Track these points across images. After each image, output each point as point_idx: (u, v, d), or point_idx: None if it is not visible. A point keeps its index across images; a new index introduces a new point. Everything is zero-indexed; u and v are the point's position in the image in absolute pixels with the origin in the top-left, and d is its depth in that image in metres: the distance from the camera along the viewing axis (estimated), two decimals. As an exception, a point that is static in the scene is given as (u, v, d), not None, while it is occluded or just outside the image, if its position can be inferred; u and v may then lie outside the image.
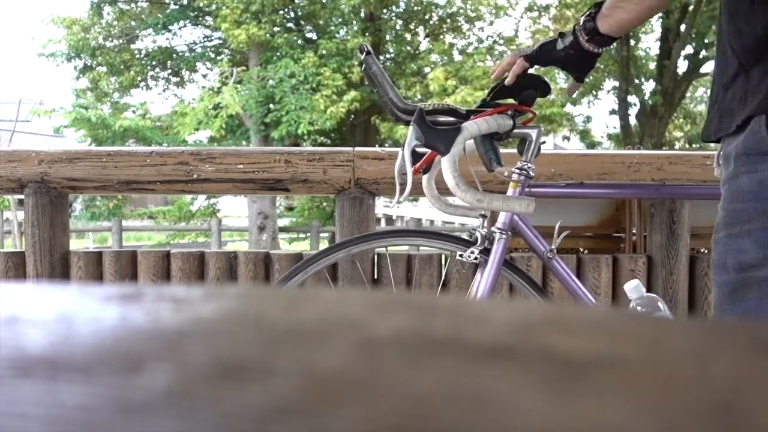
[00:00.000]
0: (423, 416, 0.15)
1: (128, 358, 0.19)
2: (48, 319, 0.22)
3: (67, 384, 0.17)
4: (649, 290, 1.63)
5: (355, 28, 12.15)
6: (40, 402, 0.16)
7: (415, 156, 1.21)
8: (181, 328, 0.21)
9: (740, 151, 0.90)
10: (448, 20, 13.68)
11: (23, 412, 0.15)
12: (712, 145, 1.10)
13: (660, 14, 12.44)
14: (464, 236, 1.37)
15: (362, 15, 12.59)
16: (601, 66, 13.28)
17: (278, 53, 11.47)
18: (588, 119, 15.13)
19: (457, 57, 13.02)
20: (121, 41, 12.65)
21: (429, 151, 1.26)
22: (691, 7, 11.43)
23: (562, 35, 1.21)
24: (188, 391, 0.16)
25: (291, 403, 0.15)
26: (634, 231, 1.97)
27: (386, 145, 11.61)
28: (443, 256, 1.81)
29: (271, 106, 10.97)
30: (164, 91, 13.70)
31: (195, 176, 1.74)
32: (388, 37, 12.98)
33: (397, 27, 13.38)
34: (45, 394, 0.16)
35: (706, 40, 11.91)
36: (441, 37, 13.59)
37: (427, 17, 13.55)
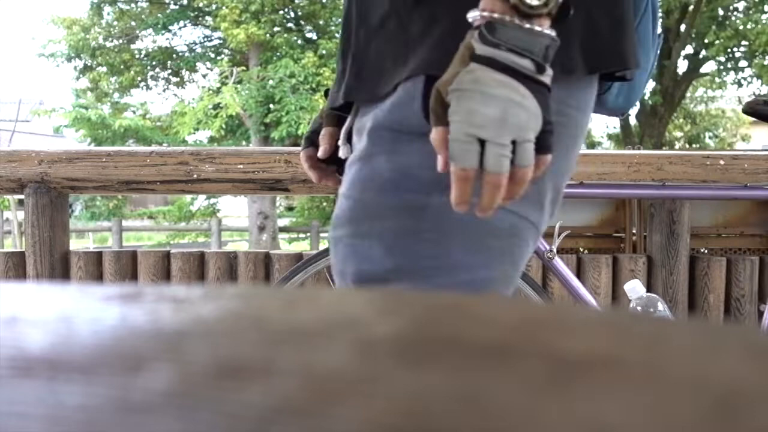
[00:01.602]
0: (423, 416, 0.15)
1: (128, 358, 0.19)
2: (48, 319, 0.22)
3: (67, 384, 0.17)
4: (649, 290, 1.63)
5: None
6: (41, 402, 0.16)
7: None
8: (181, 328, 0.21)
9: (380, 124, 0.67)
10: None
11: (23, 412, 0.15)
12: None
13: (660, 14, 12.43)
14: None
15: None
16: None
17: (278, 53, 11.47)
18: (588, 119, 15.12)
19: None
20: (121, 41, 12.65)
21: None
22: (691, 7, 11.42)
23: None
24: (188, 391, 0.16)
25: (291, 403, 0.15)
26: (634, 231, 1.97)
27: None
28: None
29: (271, 106, 10.96)
30: (164, 91, 13.70)
31: (195, 176, 1.74)
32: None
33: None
34: (45, 394, 0.16)
35: (706, 40, 11.90)
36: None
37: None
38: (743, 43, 11.81)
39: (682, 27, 11.74)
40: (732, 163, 1.82)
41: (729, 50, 12.03)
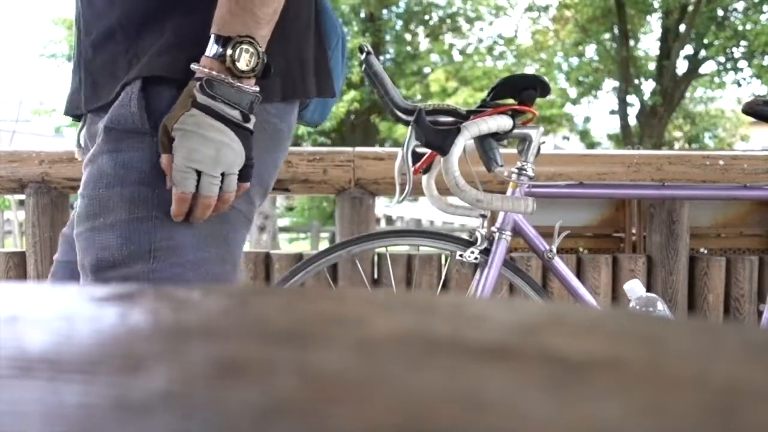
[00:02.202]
0: (423, 416, 0.15)
1: (128, 358, 0.19)
2: (48, 319, 0.22)
3: (67, 384, 0.17)
4: (648, 290, 1.63)
5: (355, 28, 12.15)
6: (41, 402, 0.16)
7: (416, 156, 1.21)
8: (181, 328, 0.21)
9: (106, 126, 0.76)
10: (448, 20, 13.68)
11: (23, 411, 0.15)
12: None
13: (660, 14, 12.45)
14: (464, 236, 1.37)
15: (362, 15, 12.59)
16: (601, 66, 13.28)
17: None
18: (588, 119, 15.13)
19: (457, 57, 13.02)
20: (120, 41, 12.63)
21: (429, 151, 1.26)
22: (690, 8, 11.43)
23: None
24: (188, 391, 0.16)
25: (291, 403, 0.15)
26: (633, 231, 1.97)
27: (386, 145, 11.62)
28: (443, 256, 1.81)
29: (271, 106, 10.96)
30: (164, 91, 13.68)
31: (195, 176, 1.74)
32: (388, 38, 12.98)
33: (397, 27, 13.38)
34: (45, 394, 0.16)
35: (705, 41, 11.90)
36: (441, 37, 13.60)
37: (427, 17, 13.55)
38: (742, 43, 11.82)
39: (682, 27, 11.74)
40: (731, 163, 1.82)
41: (728, 50, 12.04)
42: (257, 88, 0.75)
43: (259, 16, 0.74)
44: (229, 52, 0.72)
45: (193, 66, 0.74)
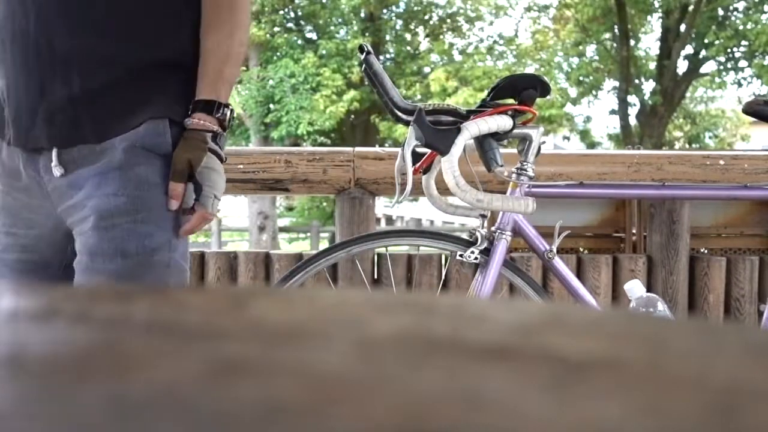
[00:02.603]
0: (423, 416, 0.15)
1: (127, 358, 0.19)
2: (48, 318, 0.22)
3: (66, 384, 0.17)
4: (648, 290, 1.63)
5: (355, 28, 12.15)
6: (40, 402, 0.16)
7: (416, 156, 1.21)
8: (181, 328, 0.21)
9: (136, 145, 0.98)
10: (448, 20, 13.68)
11: (23, 412, 0.15)
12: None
13: (660, 14, 12.45)
14: (464, 236, 1.37)
15: (362, 15, 12.59)
16: (601, 66, 13.28)
17: (278, 53, 11.48)
18: (588, 119, 15.13)
19: (457, 57, 13.02)
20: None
21: (429, 151, 1.26)
22: (691, 7, 11.42)
23: None
24: (188, 391, 0.16)
25: (291, 403, 0.15)
26: (634, 231, 1.97)
27: (386, 145, 11.61)
28: (443, 256, 1.81)
29: (271, 106, 10.97)
30: (164, 91, 13.68)
31: (195, 176, 1.74)
32: (388, 37, 12.98)
33: (397, 27, 13.38)
34: (44, 393, 0.16)
35: (706, 40, 11.90)
36: (441, 37, 13.59)
37: (427, 17, 13.55)
38: (743, 43, 11.82)
39: (682, 27, 11.74)
40: (732, 163, 1.82)
41: (729, 50, 12.04)
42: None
43: (233, 85, 1.06)
44: (226, 114, 1.02)
45: (205, 123, 1.01)
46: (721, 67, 12.68)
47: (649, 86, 12.76)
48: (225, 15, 1.03)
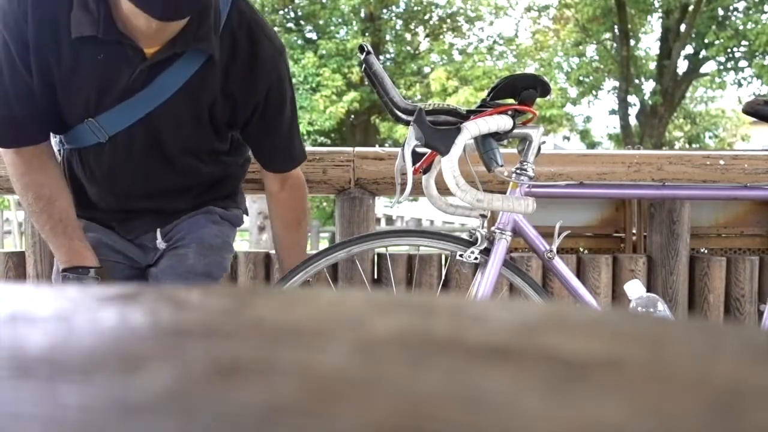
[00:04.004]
0: (423, 416, 0.15)
1: (128, 358, 0.19)
2: (48, 319, 0.22)
3: (66, 384, 0.17)
4: (648, 290, 1.63)
5: (355, 28, 12.14)
6: (40, 402, 0.16)
7: (416, 156, 1.21)
8: (181, 328, 0.21)
9: (224, 218, 1.43)
10: (448, 20, 13.68)
11: (23, 412, 0.15)
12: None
13: (660, 14, 12.45)
14: (464, 236, 1.37)
15: (362, 15, 12.59)
16: (601, 66, 13.28)
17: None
18: (588, 119, 15.13)
19: (457, 57, 13.02)
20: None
21: (429, 151, 1.26)
22: (691, 7, 11.43)
23: None
24: (188, 391, 0.16)
25: (291, 403, 0.15)
26: (634, 231, 1.97)
27: (386, 145, 11.61)
28: (443, 256, 1.81)
29: (271, 106, 10.95)
30: (164, 91, 13.67)
31: (195, 176, 1.74)
32: (388, 37, 12.98)
33: (397, 27, 13.38)
34: (45, 394, 0.16)
35: (706, 40, 11.90)
36: (441, 37, 13.59)
37: (427, 17, 13.55)
38: (743, 43, 11.82)
39: (682, 27, 11.74)
40: (732, 163, 1.82)
41: (729, 50, 12.04)
42: None
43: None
44: None
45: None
46: (721, 67, 12.68)
47: (649, 86, 12.76)
48: (300, 215, 1.45)
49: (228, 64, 1.19)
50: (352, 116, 12.41)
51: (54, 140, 1.29)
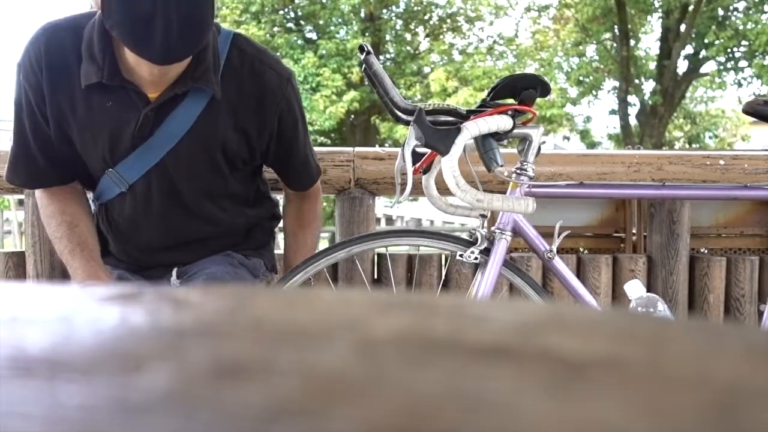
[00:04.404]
0: (423, 416, 0.15)
1: (128, 358, 0.19)
2: (48, 319, 0.22)
3: (67, 384, 0.17)
4: (648, 290, 1.63)
5: (355, 28, 12.14)
6: (40, 402, 0.16)
7: (416, 156, 1.21)
8: (181, 328, 0.21)
9: (242, 264, 1.40)
10: (448, 20, 13.68)
11: (23, 412, 0.15)
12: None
13: (660, 14, 12.44)
14: (464, 236, 1.37)
15: (362, 15, 12.59)
16: (601, 66, 13.28)
17: (278, 53, 11.48)
18: (588, 119, 15.13)
19: (457, 57, 13.02)
20: (121, 41, 12.60)
21: (429, 151, 1.26)
22: (691, 7, 11.42)
23: None
24: (188, 391, 0.16)
25: (291, 403, 0.15)
26: (634, 231, 1.97)
27: (386, 145, 11.61)
28: (443, 256, 1.81)
29: (271, 106, 10.95)
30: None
31: (195, 176, 1.74)
32: (388, 37, 12.98)
33: (397, 27, 13.37)
34: (45, 394, 0.16)
35: (706, 40, 11.90)
36: (441, 37, 13.59)
37: (427, 17, 13.55)
38: (743, 43, 11.82)
39: (682, 27, 11.74)
40: (732, 163, 1.82)
41: (729, 50, 12.04)
42: None
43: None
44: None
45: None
46: (721, 67, 12.68)
47: (649, 86, 12.76)
48: (310, 218, 1.47)
49: (236, 103, 1.22)
50: (352, 116, 12.40)
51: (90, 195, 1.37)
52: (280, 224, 1.52)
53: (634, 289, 1.34)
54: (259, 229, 1.43)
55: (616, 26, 12.30)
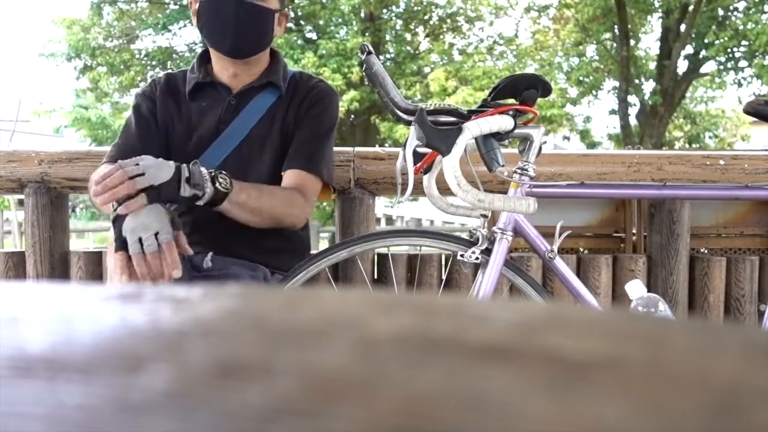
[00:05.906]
0: (423, 416, 0.15)
1: (128, 358, 0.18)
2: (48, 319, 0.22)
3: (67, 384, 0.17)
4: (649, 290, 1.63)
5: (355, 28, 12.14)
6: (40, 402, 0.16)
7: (417, 156, 1.21)
8: (181, 328, 0.21)
9: (252, 276, 1.45)
10: (448, 20, 13.68)
11: (23, 412, 0.15)
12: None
13: (660, 14, 12.44)
14: (465, 236, 1.37)
15: (362, 15, 12.58)
16: (601, 66, 13.28)
17: (278, 53, 11.47)
18: (588, 119, 15.12)
19: (457, 57, 13.01)
20: (121, 41, 12.62)
21: (430, 151, 1.26)
22: (691, 7, 11.42)
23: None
24: (188, 391, 0.16)
25: (291, 403, 0.15)
26: (634, 231, 1.97)
27: (386, 145, 11.61)
28: (444, 256, 1.81)
29: (272, 106, 10.95)
30: (164, 91, 13.65)
31: (195, 176, 1.74)
32: (388, 37, 12.97)
33: (397, 27, 13.37)
34: (45, 394, 0.16)
35: (706, 40, 11.89)
36: (441, 37, 13.59)
37: (427, 17, 13.54)
38: (743, 43, 11.81)
39: (682, 27, 11.73)
40: (732, 163, 1.82)
41: (729, 50, 12.03)
42: None
43: (239, 205, 1.34)
44: (204, 191, 1.30)
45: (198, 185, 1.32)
46: (721, 67, 12.67)
47: (649, 86, 12.75)
48: (298, 201, 1.42)
49: (296, 107, 1.52)
50: (352, 116, 12.40)
51: None
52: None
53: (635, 289, 1.34)
54: (289, 255, 1.53)
55: (616, 26, 12.29)
